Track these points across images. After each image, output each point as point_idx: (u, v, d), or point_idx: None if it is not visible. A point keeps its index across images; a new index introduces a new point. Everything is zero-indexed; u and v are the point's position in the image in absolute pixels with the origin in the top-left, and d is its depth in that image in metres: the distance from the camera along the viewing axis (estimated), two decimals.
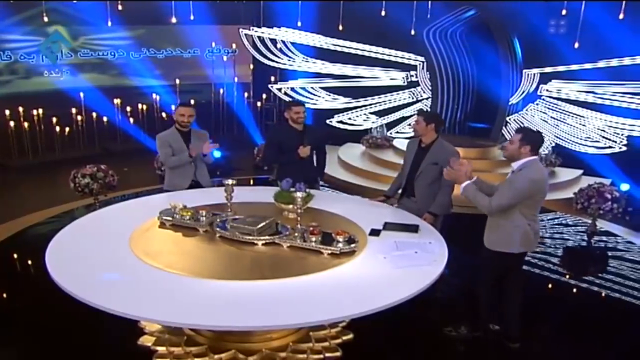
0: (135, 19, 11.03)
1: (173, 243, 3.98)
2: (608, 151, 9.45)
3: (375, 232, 4.15)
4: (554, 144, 9.81)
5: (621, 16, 7.85)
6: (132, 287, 3.28)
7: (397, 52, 11.26)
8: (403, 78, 11.31)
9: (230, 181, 4.34)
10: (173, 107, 11.78)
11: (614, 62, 9.12)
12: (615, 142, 9.37)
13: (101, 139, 11.23)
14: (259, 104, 13.15)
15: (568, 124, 9.84)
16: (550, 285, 5.72)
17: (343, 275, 3.48)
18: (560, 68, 9.66)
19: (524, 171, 3.95)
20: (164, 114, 11.82)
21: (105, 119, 11.28)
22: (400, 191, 5.18)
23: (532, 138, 4.01)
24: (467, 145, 9.21)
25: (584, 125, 9.71)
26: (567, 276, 5.92)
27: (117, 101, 11.36)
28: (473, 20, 10.27)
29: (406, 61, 11.25)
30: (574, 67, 9.48)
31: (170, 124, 5.57)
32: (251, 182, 9.03)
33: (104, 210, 4.68)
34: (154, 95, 11.96)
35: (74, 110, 10.95)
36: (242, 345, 3.82)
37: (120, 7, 9.37)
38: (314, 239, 3.82)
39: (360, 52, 11.52)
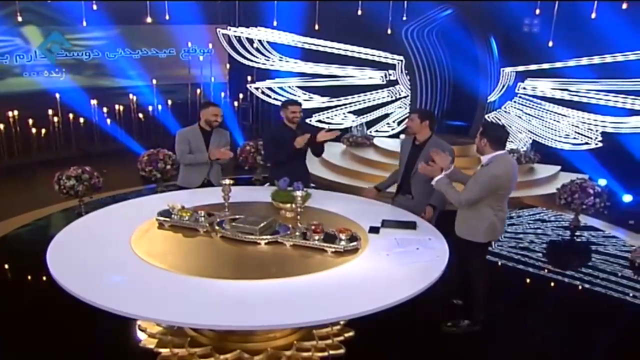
0: (110, 18, 10.87)
1: (175, 244, 3.95)
2: (584, 147, 9.66)
3: (374, 230, 4.18)
4: (531, 141, 9.97)
5: (593, 15, 7.98)
6: (137, 288, 3.26)
7: (376, 52, 11.34)
8: (382, 77, 11.38)
9: (227, 181, 4.34)
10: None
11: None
12: (591, 138, 9.59)
13: (78, 141, 11.04)
14: (235, 103, 13.10)
15: (544, 120, 10.03)
16: (542, 281, 5.81)
17: (348, 274, 3.50)
18: (534, 67, 9.87)
19: (490, 166, 4.10)
20: (141, 115, 11.67)
21: (82, 120, 11.09)
22: (395, 189, 5.21)
23: (490, 133, 4.17)
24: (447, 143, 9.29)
25: (558, 122, 9.91)
26: (556, 271, 6.00)
27: (93, 102, 11.17)
28: (452, 18, 10.36)
29: (388, 60, 11.34)
30: (546, 65, 9.71)
31: (149, 125, 5.49)
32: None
33: (100, 212, 4.59)
34: (130, 96, 11.80)
35: (50, 112, 10.76)
36: (246, 345, 3.81)
37: (95, 7, 9.21)
38: (316, 237, 3.83)
39: (338, 52, 11.57)
